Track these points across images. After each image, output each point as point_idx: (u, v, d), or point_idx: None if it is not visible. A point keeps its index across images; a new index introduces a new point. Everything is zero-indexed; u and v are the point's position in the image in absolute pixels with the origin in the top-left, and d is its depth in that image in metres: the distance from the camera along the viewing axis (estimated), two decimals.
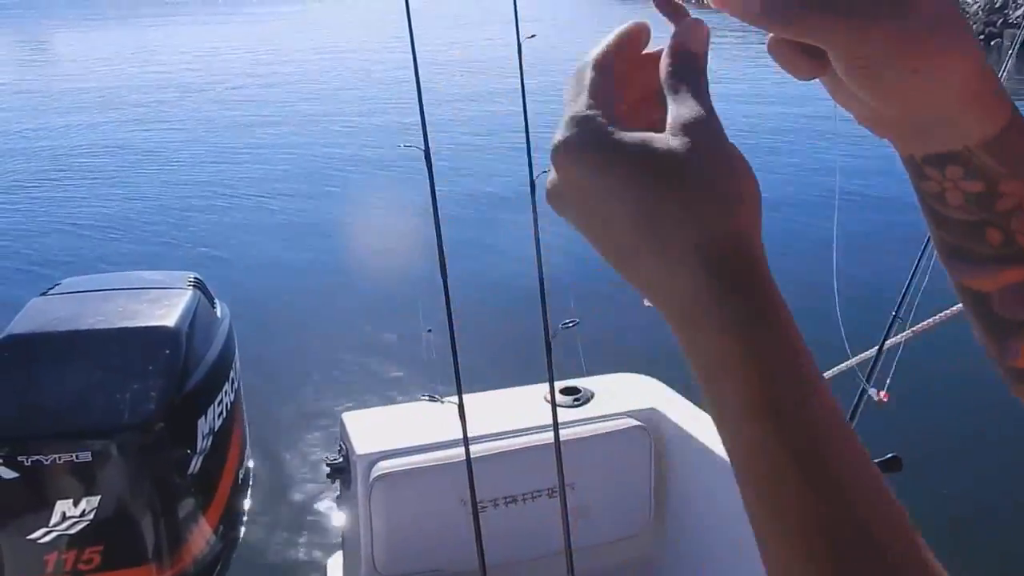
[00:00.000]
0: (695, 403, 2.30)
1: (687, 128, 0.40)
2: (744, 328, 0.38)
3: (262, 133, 13.24)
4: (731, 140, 0.42)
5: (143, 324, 2.13)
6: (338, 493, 2.31)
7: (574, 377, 2.42)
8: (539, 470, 2.12)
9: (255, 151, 11.97)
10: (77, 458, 1.77)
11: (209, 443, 2.11)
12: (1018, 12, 22.20)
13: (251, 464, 2.37)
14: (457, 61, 19.21)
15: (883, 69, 0.43)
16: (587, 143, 0.41)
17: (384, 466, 2.13)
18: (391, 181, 8.97)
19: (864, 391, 1.91)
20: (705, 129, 0.40)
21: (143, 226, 8.58)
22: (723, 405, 0.39)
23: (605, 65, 0.45)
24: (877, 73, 0.43)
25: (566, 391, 2.42)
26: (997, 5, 22.81)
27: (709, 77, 0.44)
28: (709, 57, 0.45)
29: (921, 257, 1.84)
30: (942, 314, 1.99)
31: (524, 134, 1.96)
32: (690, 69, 0.43)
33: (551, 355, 1.96)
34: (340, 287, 6.61)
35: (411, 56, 1.86)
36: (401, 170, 8.61)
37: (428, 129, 1.88)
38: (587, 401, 2.41)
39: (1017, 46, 3.00)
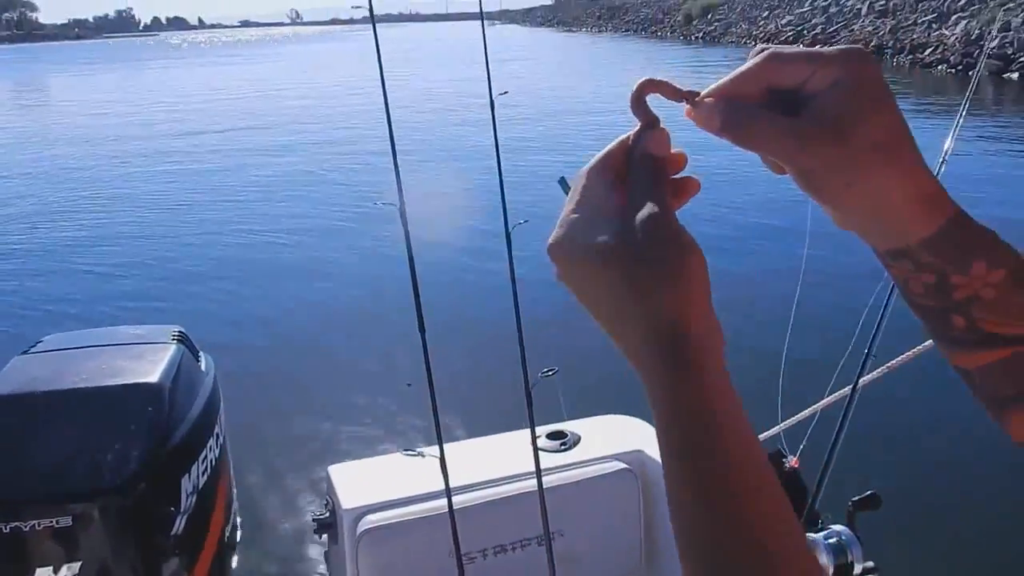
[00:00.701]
0: None
1: (641, 226, 0.49)
2: (669, 388, 0.48)
3: (243, 185, 13.37)
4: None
5: (126, 381, 2.12)
6: (326, 548, 2.30)
7: (559, 422, 2.43)
8: (526, 518, 2.12)
9: (236, 203, 12.03)
10: (58, 523, 1.75)
11: (193, 501, 2.09)
12: (992, 43, 22.65)
13: (238, 521, 2.34)
14: (432, 115, 19.53)
15: (821, 182, 0.50)
16: (563, 244, 0.52)
17: (371, 520, 2.12)
18: (369, 236, 9.11)
19: (843, 425, 1.92)
20: (656, 226, 0.48)
21: (127, 279, 8.59)
22: (659, 445, 0.49)
23: (593, 172, 0.53)
24: (817, 184, 0.50)
25: (553, 435, 2.43)
26: (973, 37, 23.31)
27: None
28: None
29: (891, 295, 1.87)
30: (913, 351, 2.02)
31: (499, 186, 2.00)
32: (650, 170, 0.51)
33: (531, 404, 1.97)
34: (323, 339, 6.66)
35: (385, 114, 1.89)
36: (378, 225, 8.74)
37: (403, 185, 1.91)
38: (574, 445, 2.42)
39: (980, 73, 3.11)
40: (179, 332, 2.32)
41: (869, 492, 1.75)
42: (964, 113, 2.46)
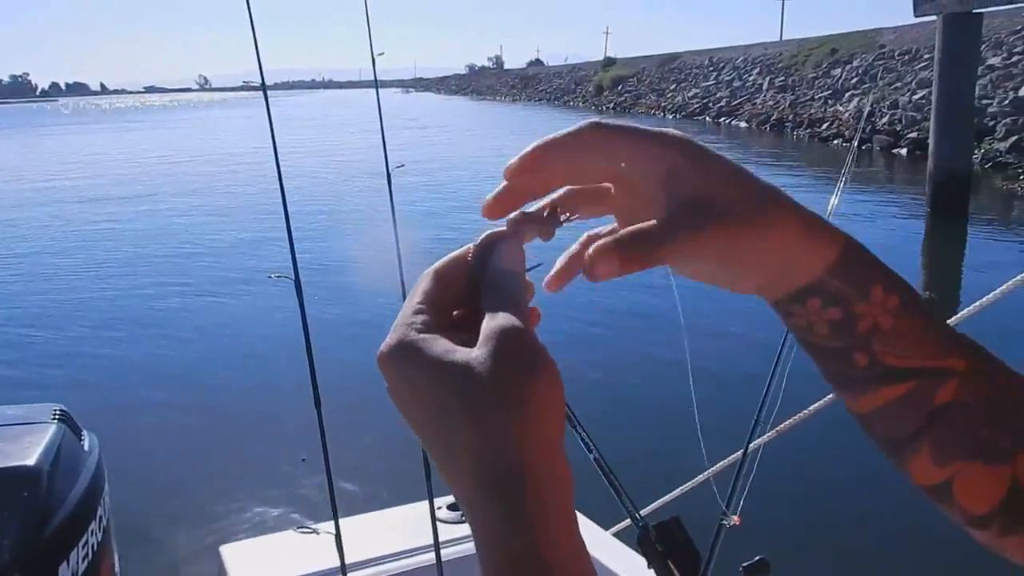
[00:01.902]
0: (581, 512, 2.31)
1: (491, 339, 0.42)
2: (502, 546, 0.40)
3: (131, 256, 12.94)
4: None
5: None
6: None
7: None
8: None
9: (123, 275, 11.63)
10: None
11: None
12: (883, 120, 24.21)
13: None
14: (334, 184, 19.57)
15: (720, 256, 0.48)
16: (396, 351, 0.44)
17: None
18: (263, 308, 8.94)
19: (734, 490, 1.96)
20: (510, 338, 0.42)
21: (4, 355, 8.14)
22: None
23: (441, 274, 0.48)
24: (717, 261, 0.49)
25: (453, 506, 2.40)
26: (865, 114, 24.88)
27: None
28: None
29: (776, 364, 1.95)
30: (802, 413, 2.09)
31: (396, 258, 2.01)
32: (507, 284, 0.46)
33: (430, 476, 1.95)
34: (215, 415, 6.45)
35: (280, 188, 1.89)
36: (273, 297, 8.61)
37: (301, 256, 1.90)
38: None
39: (869, 147, 3.31)
40: (60, 410, 2.22)
41: (758, 558, 1.78)
42: (843, 186, 2.61)
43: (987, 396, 0.51)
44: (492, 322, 0.43)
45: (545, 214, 0.50)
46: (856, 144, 2.67)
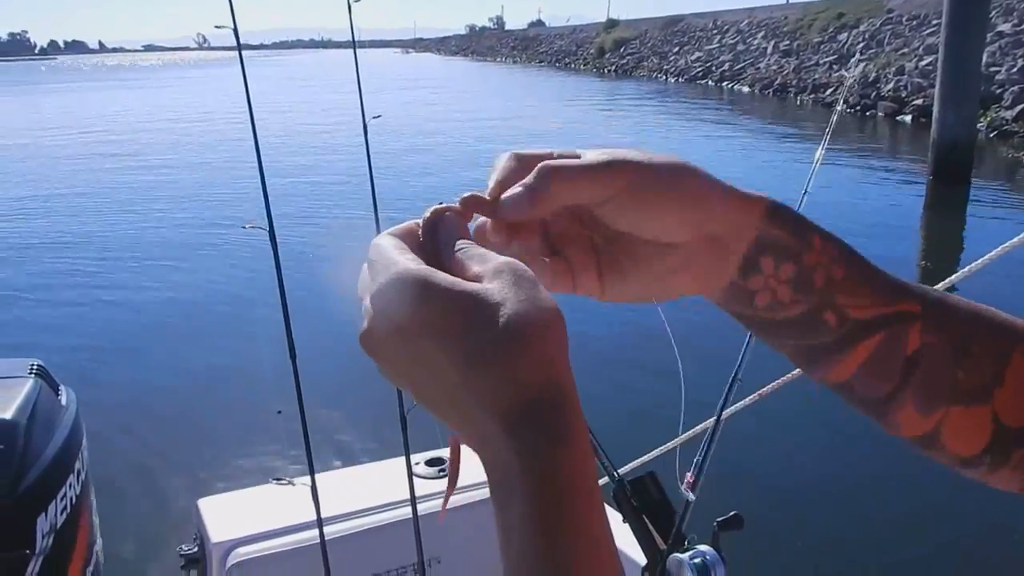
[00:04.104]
0: None
1: (502, 271, 0.41)
2: (543, 450, 0.38)
3: (105, 210, 12.92)
4: None
5: None
6: None
7: (437, 449, 2.41)
8: (401, 546, 2.09)
9: (97, 230, 11.62)
10: None
11: (51, 542, 1.98)
12: (888, 86, 23.93)
13: (100, 560, 2.24)
14: (305, 138, 19.61)
15: (648, 195, 0.48)
16: (400, 284, 0.41)
17: (241, 553, 2.06)
18: (238, 260, 8.94)
19: (709, 449, 1.96)
20: (522, 271, 0.41)
21: None
22: (503, 522, 0.40)
23: (399, 235, 0.46)
24: (647, 203, 0.48)
25: (431, 462, 2.41)
26: (871, 79, 24.57)
27: None
28: None
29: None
30: (780, 380, 2.08)
31: (372, 210, 1.99)
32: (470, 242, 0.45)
33: (407, 431, 1.95)
34: (191, 369, 6.47)
35: (253, 137, 1.86)
36: (247, 249, 8.62)
37: (272, 208, 1.88)
38: None
39: (852, 111, 3.26)
40: (37, 365, 2.21)
41: (732, 513, 1.79)
42: (827, 140, 2.58)
43: (950, 336, 0.52)
44: (491, 262, 0.42)
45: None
46: (843, 100, 2.64)
